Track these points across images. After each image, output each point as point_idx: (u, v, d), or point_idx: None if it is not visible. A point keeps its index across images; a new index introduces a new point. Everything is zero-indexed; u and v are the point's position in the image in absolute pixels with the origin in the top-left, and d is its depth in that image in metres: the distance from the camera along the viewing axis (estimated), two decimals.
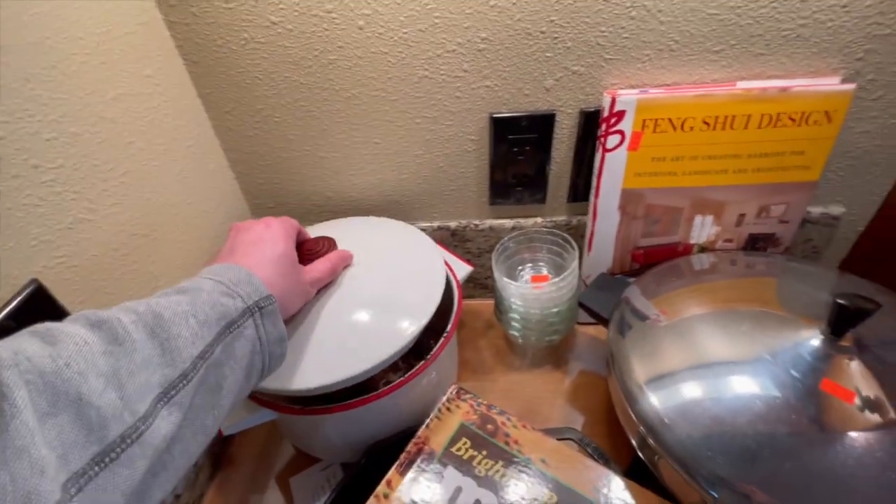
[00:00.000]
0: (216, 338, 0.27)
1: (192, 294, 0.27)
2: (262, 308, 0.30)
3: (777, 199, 0.49)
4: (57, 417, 0.19)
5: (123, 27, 0.40)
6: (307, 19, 0.44)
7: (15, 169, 0.31)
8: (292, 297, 0.35)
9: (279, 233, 0.35)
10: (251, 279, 0.30)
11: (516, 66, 0.46)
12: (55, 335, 0.21)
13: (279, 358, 0.33)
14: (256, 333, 0.29)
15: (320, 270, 0.39)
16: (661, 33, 0.43)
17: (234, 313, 0.28)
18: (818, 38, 0.42)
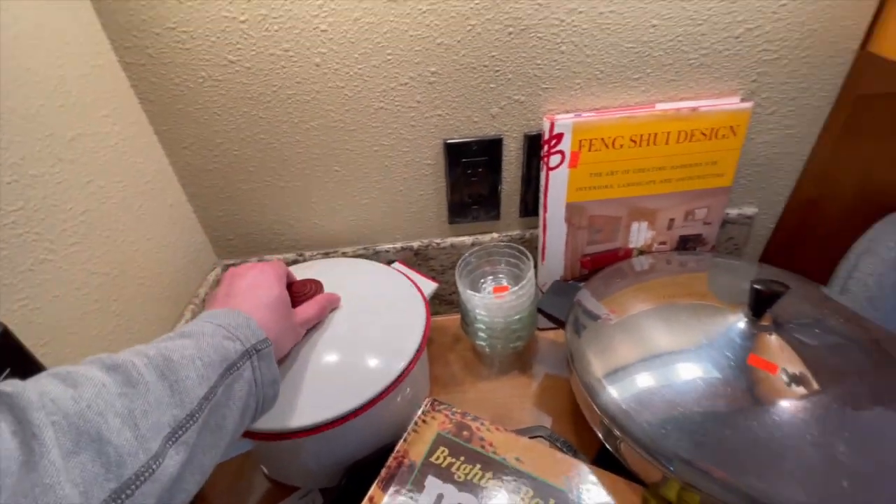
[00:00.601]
0: (219, 379, 0.28)
1: (196, 338, 0.29)
2: (259, 350, 0.32)
3: (699, 204, 0.56)
4: (79, 456, 0.20)
5: (79, 69, 0.41)
6: (265, 58, 0.46)
7: None
8: (285, 338, 0.37)
9: (273, 277, 0.38)
10: (249, 323, 0.32)
11: (464, 97, 0.50)
12: (75, 378, 0.23)
13: (272, 399, 0.34)
14: (253, 375, 0.31)
15: (309, 313, 0.41)
16: (589, 65, 0.49)
17: (234, 356, 0.30)
18: (718, 65, 0.50)
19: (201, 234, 0.59)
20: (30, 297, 0.34)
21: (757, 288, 0.41)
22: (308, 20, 0.44)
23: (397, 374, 0.43)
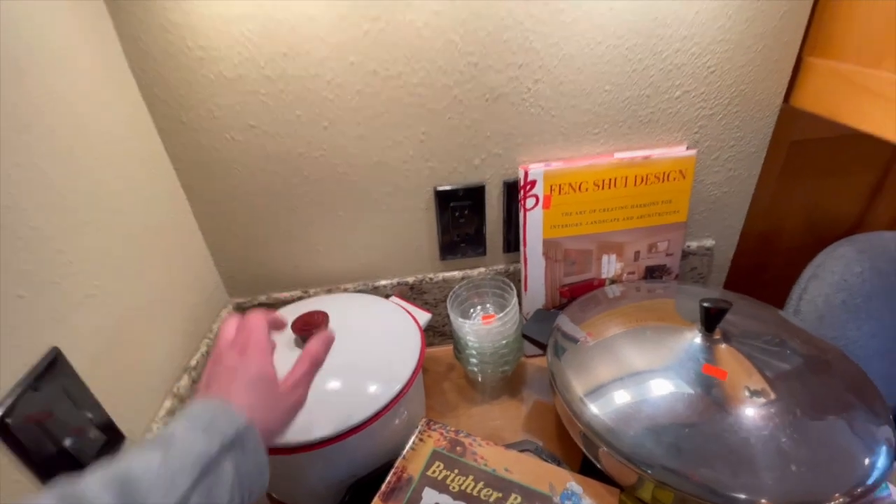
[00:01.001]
0: (193, 484, 0.27)
1: (166, 446, 0.28)
2: (241, 440, 0.30)
3: (660, 238, 0.63)
4: None
5: (121, 134, 0.48)
6: (281, 123, 0.54)
7: (47, 254, 0.37)
8: (276, 413, 0.35)
9: (254, 355, 0.35)
10: (227, 411, 0.31)
11: (451, 151, 0.58)
12: None
13: (260, 487, 0.32)
14: (235, 469, 0.29)
15: (297, 374, 0.37)
16: (555, 124, 0.57)
17: (212, 452, 0.28)
18: (664, 120, 0.59)
19: (216, 274, 0.65)
20: (78, 326, 0.40)
21: (705, 306, 0.47)
22: (318, 92, 0.53)
23: (394, 395, 0.48)
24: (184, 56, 0.49)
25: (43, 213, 0.37)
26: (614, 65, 0.54)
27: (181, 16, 0.47)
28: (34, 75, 0.38)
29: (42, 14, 0.39)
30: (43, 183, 0.38)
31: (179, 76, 0.51)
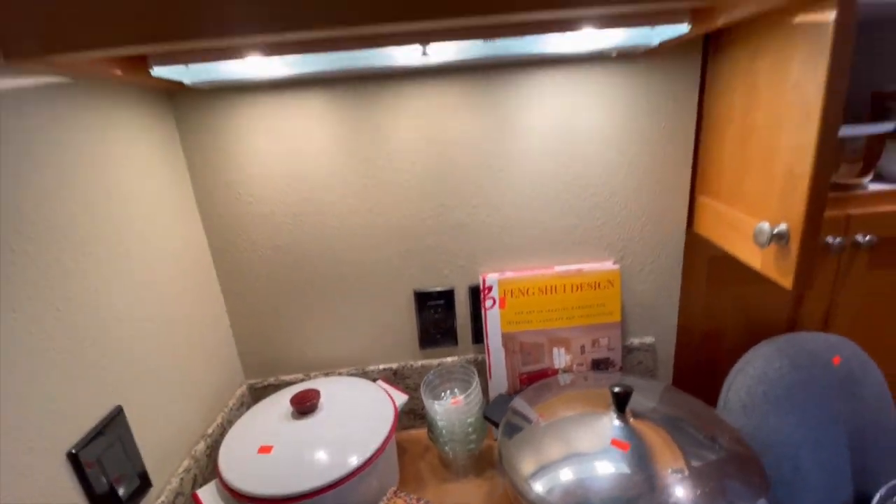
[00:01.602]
0: None
1: None
2: None
3: (600, 335, 0.76)
4: None
5: (184, 250, 0.67)
6: (298, 244, 0.73)
7: (122, 337, 0.53)
8: None
9: None
10: None
11: (427, 263, 0.76)
12: None
13: None
14: None
15: None
16: (506, 245, 0.75)
17: None
18: (593, 243, 0.76)
19: (236, 359, 0.80)
20: (134, 393, 0.54)
21: (614, 391, 0.59)
22: (327, 223, 0.72)
23: (365, 460, 0.59)
24: (237, 201, 0.70)
25: (125, 306, 0.54)
26: (546, 203, 0.73)
27: (239, 175, 0.69)
28: (134, 208, 0.58)
29: (143, 175, 0.61)
30: (128, 283, 0.55)
31: (232, 214, 0.71)
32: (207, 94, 0.66)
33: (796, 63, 0.48)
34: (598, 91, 0.68)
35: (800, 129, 0.47)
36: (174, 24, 0.37)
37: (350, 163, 0.70)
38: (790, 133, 0.49)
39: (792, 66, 0.49)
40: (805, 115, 0.47)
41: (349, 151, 0.69)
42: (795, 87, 0.48)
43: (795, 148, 0.48)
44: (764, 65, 0.54)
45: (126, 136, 0.57)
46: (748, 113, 0.58)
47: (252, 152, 0.68)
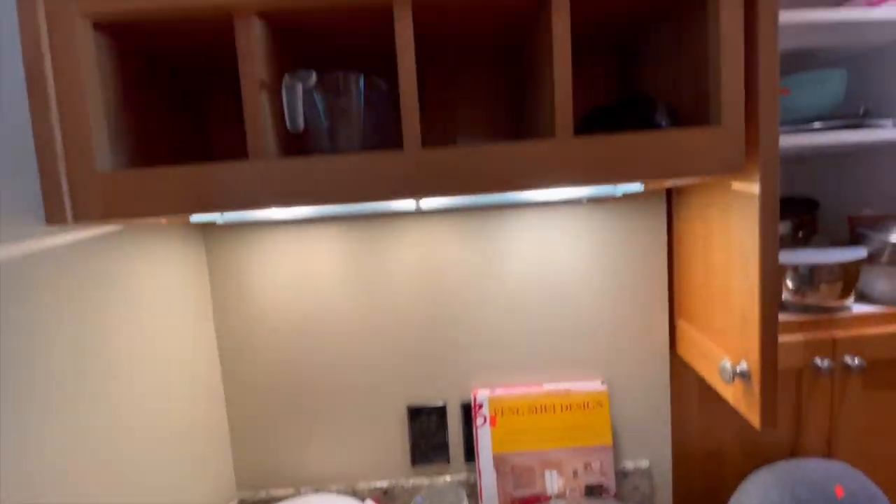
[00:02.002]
0: None
1: None
2: None
3: (592, 458, 0.76)
4: None
5: (193, 357, 0.73)
6: (303, 359, 0.78)
7: (122, 439, 0.57)
8: None
9: None
10: None
11: (420, 379, 0.79)
12: None
13: None
14: None
15: None
16: (495, 363, 0.79)
17: None
18: (580, 362, 0.79)
19: (231, 470, 0.81)
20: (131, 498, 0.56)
21: None
22: (329, 341, 0.78)
23: None
24: (250, 316, 0.77)
25: (126, 408, 0.58)
26: (533, 324, 0.78)
27: (254, 293, 0.77)
28: (160, 320, 0.64)
29: (171, 291, 0.68)
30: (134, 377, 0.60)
31: (245, 327, 0.78)
32: (234, 228, 0.76)
33: (735, 219, 0.55)
34: (573, 227, 0.76)
35: (745, 278, 0.53)
36: (212, 200, 0.46)
37: (352, 286, 0.77)
38: (739, 279, 0.55)
39: (732, 221, 0.56)
40: (746, 266, 0.53)
41: (352, 277, 0.77)
42: (738, 242, 0.55)
43: (744, 293, 0.54)
44: (715, 213, 0.62)
45: (162, 261, 0.66)
46: (708, 251, 0.65)
47: (267, 274, 0.77)
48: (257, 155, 0.47)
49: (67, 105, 0.46)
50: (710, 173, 0.47)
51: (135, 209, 0.47)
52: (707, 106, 0.49)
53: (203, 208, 0.47)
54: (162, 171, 0.46)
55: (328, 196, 0.47)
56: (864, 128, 0.84)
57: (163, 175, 0.46)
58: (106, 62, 0.49)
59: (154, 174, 0.46)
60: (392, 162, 0.47)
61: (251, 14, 0.46)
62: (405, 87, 0.47)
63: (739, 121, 0.46)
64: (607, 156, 0.46)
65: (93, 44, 0.47)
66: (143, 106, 0.54)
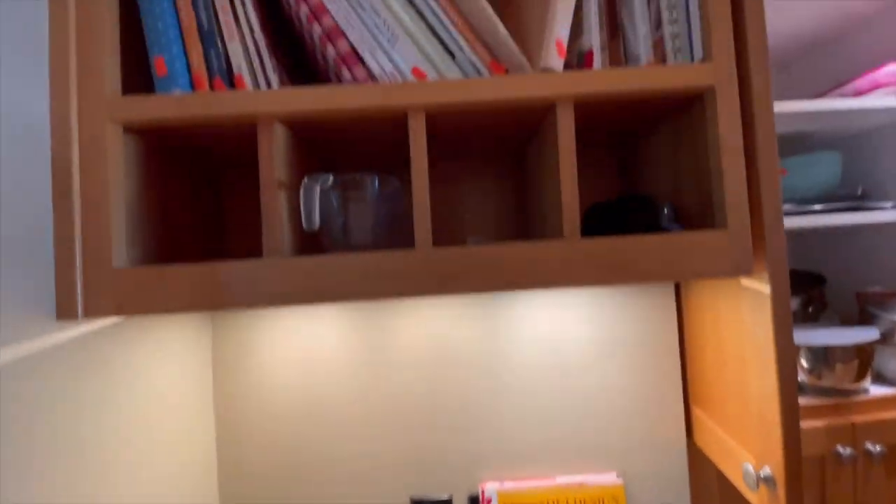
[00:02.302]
0: None
1: None
2: None
3: None
4: None
5: (188, 440, 0.70)
6: (305, 449, 0.75)
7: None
8: None
9: None
10: None
11: (425, 468, 0.75)
12: None
13: None
14: None
15: None
16: (507, 452, 0.75)
17: None
18: (593, 454, 0.75)
19: None
20: None
21: None
22: (334, 431, 0.75)
23: None
24: (252, 402, 0.75)
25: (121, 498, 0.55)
26: (543, 410, 0.75)
27: (258, 376, 0.75)
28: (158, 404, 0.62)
29: (174, 375, 0.67)
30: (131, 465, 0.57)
31: (244, 411, 0.75)
32: None
33: (746, 312, 0.55)
34: (583, 307, 0.76)
35: (762, 377, 0.52)
36: (225, 299, 0.47)
37: (356, 370, 0.76)
38: (755, 377, 0.54)
39: (743, 313, 0.56)
40: (762, 366, 0.52)
41: (356, 360, 0.76)
42: (750, 335, 0.54)
43: (763, 395, 0.52)
44: (723, 302, 0.62)
45: (166, 343, 0.65)
46: (719, 339, 0.64)
47: (270, 356, 0.76)
48: (272, 254, 0.48)
49: (91, 204, 0.47)
50: (719, 276, 0.47)
51: (147, 306, 0.47)
52: (710, 207, 0.50)
53: (216, 306, 0.47)
54: (176, 268, 0.47)
55: (341, 295, 0.47)
56: (864, 210, 0.86)
57: (177, 273, 0.47)
58: (131, 159, 0.51)
59: (168, 271, 0.47)
60: (404, 261, 0.47)
61: (274, 121, 0.49)
62: (417, 190, 0.48)
63: (745, 224, 0.47)
64: (615, 258, 0.47)
65: (121, 145, 0.49)
66: (162, 196, 0.56)
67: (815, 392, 0.80)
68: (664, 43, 0.53)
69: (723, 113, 0.48)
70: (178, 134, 0.53)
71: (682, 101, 0.53)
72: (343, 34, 0.49)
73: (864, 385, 0.82)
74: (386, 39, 0.50)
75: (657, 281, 0.47)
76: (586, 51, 0.52)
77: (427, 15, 0.50)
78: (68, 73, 0.47)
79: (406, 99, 0.48)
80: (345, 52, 0.49)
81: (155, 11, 0.50)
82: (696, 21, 0.51)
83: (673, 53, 0.52)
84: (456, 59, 0.51)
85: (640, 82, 0.48)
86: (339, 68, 0.49)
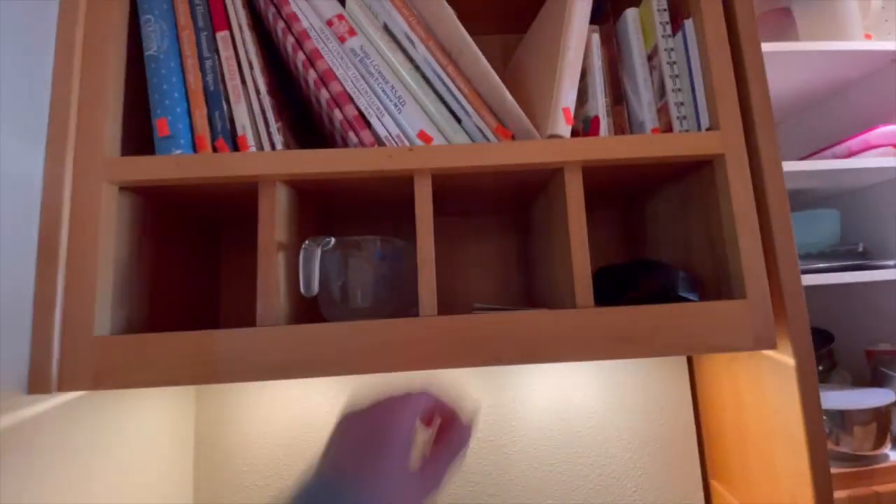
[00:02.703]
0: None
1: None
2: None
3: None
4: None
5: None
6: None
7: None
8: None
9: (390, 430, 0.32)
10: None
11: None
12: None
13: None
14: None
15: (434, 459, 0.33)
16: None
17: None
18: None
19: None
20: None
21: None
22: None
23: None
24: (234, 469, 0.69)
25: None
26: (551, 483, 0.70)
27: (241, 440, 0.70)
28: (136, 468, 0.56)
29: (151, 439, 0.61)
30: None
31: (227, 483, 0.69)
32: None
33: (768, 383, 0.52)
34: (590, 372, 0.72)
35: (793, 457, 0.48)
36: (214, 371, 0.43)
37: None
38: (784, 457, 0.50)
39: (764, 384, 0.53)
40: (791, 443, 0.48)
41: None
42: (774, 408, 0.51)
43: (793, 475, 0.48)
44: (742, 369, 0.59)
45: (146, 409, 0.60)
46: (740, 413, 0.60)
47: (259, 421, 0.70)
48: (267, 321, 0.45)
49: (77, 265, 0.45)
50: (740, 349, 0.45)
51: (126, 380, 0.43)
52: (724, 274, 0.49)
53: (203, 380, 0.43)
54: (161, 337, 0.44)
55: (339, 367, 0.43)
56: (868, 269, 0.85)
57: (161, 342, 0.44)
58: (125, 218, 0.49)
59: (152, 340, 0.44)
60: (407, 330, 0.44)
61: (276, 183, 0.48)
62: (423, 252, 0.46)
63: (765, 295, 0.45)
64: (631, 330, 0.44)
65: (115, 205, 0.47)
66: (155, 258, 0.54)
67: (834, 459, 0.75)
68: (669, 110, 0.53)
69: (734, 180, 0.47)
70: (177, 195, 0.51)
71: (688, 166, 0.53)
72: (350, 99, 0.49)
73: (884, 451, 0.78)
74: (393, 104, 0.50)
75: (675, 354, 0.45)
76: (592, 117, 0.52)
77: (434, 81, 0.51)
78: (66, 132, 0.46)
79: (413, 163, 0.47)
80: (352, 117, 0.48)
81: (161, 73, 0.50)
82: (701, 89, 0.51)
83: (679, 121, 0.52)
84: (462, 123, 0.51)
85: (649, 150, 0.48)
86: (346, 132, 0.48)
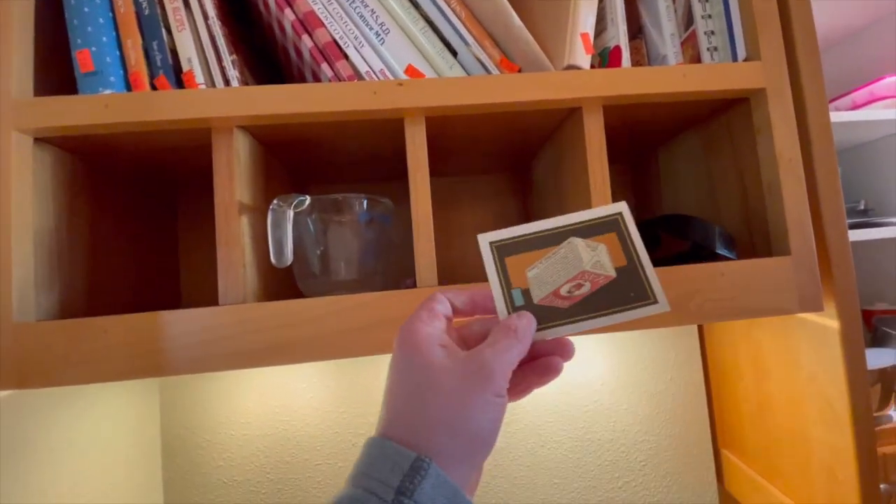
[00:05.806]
0: None
1: None
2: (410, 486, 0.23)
3: None
4: None
5: None
6: None
7: None
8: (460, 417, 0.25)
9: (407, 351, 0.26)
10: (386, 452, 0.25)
11: None
12: None
13: None
14: None
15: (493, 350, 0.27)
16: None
17: None
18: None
19: None
20: None
21: None
22: (307, 488, 0.63)
23: None
24: (209, 465, 0.62)
25: None
26: (559, 463, 0.65)
27: (215, 436, 0.63)
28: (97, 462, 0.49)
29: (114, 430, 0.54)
30: None
31: (200, 480, 0.62)
32: None
33: (804, 350, 0.47)
34: (595, 344, 0.67)
35: (831, 430, 0.44)
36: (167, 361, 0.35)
37: (339, 420, 0.64)
38: (819, 428, 0.46)
39: (800, 351, 0.48)
40: (833, 416, 0.44)
41: (339, 408, 0.64)
42: (812, 380, 0.46)
43: (832, 449, 0.44)
44: (767, 337, 0.54)
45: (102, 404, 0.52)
46: (761, 381, 0.56)
47: (234, 412, 0.63)
48: (231, 299, 0.37)
49: None
50: (783, 313, 0.39)
51: (61, 376, 0.35)
52: (759, 230, 0.43)
53: (154, 372, 0.35)
54: (100, 322, 0.35)
55: (320, 352, 0.36)
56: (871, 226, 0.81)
57: (103, 326, 0.35)
58: (47, 178, 0.39)
59: (89, 326, 0.35)
60: (401, 305, 0.37)
61: (233, 128, 0.39)
62: (418, 214, 0.39)
63: (811, 249, 0.39)
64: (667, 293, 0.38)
65: (30, 160, 0.38)
66: (95, 227, 0.44)
67: None
68: (696, 40, 0.46)
69: (777, 118, 0.41)
70: (112, 148, 0.42)
71: (716, 105, 0.46)
72: (321, 23, 0.39)
73: (888, 412, 0.76)
74: (374, 33, 0.41)
75: (714, 321, 0.39)
76: (612, 47, 0.44)
77: (424, 4, 0.42)
78: None
79: (403, 101, 0.38)
80: (324, 45, 0.39)
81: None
82: (737, 14, 0.44)
83: (709, 52, 0.45)
84: (459, 56, 0.43)
85: (682, 84, 0.40)
86: (319, 64, 0.39)
